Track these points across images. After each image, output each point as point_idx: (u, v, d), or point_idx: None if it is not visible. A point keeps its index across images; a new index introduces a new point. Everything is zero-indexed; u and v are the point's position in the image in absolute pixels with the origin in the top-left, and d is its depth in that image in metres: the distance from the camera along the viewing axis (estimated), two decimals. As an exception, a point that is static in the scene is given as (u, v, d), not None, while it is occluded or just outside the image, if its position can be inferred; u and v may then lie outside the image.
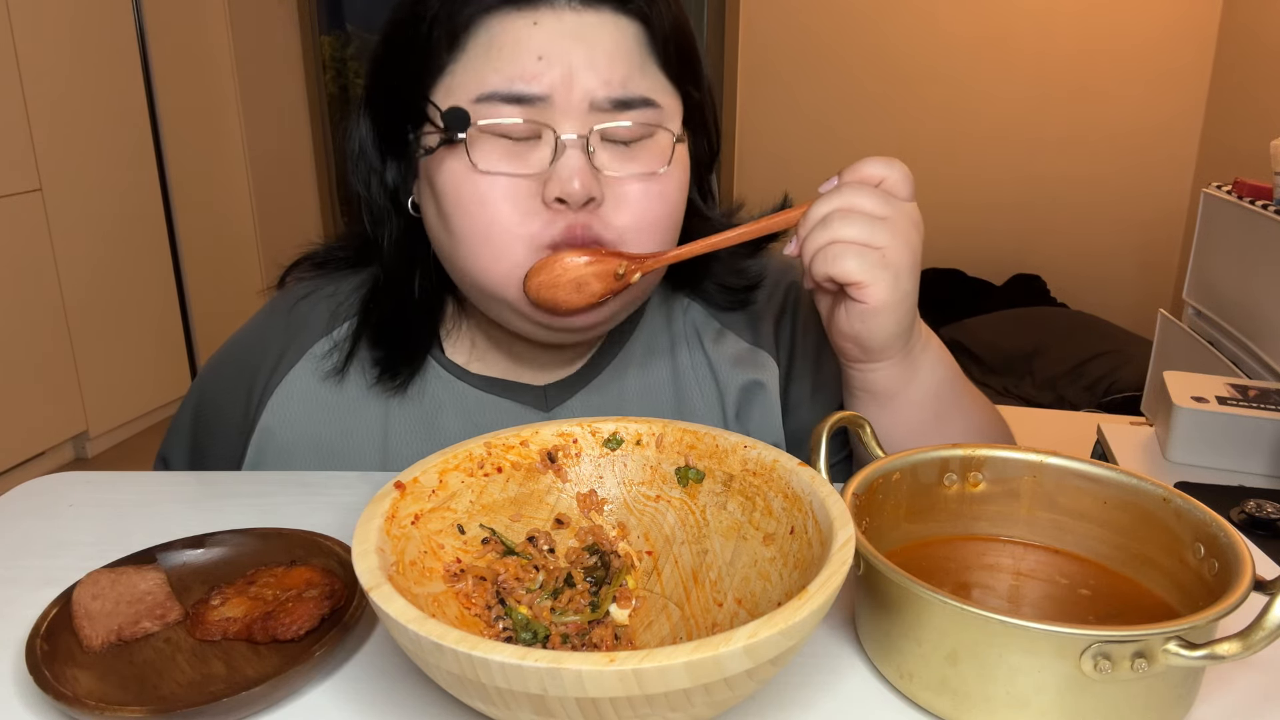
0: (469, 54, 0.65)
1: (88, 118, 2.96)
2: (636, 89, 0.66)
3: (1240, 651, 0.44)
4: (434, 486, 0.56)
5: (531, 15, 0.64)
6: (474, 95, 0.65)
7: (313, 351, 0.79)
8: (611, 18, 0.65)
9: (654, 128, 0.68)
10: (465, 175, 0.66)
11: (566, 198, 0.65)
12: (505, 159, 0.65)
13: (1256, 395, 1.37)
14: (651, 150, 0.68)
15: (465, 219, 0.67)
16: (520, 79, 0.64)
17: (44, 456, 2.91)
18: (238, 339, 0.85)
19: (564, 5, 0.64)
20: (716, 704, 0.43)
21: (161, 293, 3.31)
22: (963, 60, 3.30)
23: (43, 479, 0.78)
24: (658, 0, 0.67)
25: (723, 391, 0.82)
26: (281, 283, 0.83)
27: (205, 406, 0.84)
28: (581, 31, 0.64)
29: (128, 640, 0.55)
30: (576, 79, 0.64)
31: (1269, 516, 1.13)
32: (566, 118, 0.65)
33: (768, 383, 0.83)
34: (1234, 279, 1.79)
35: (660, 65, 0.68)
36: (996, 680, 0.47)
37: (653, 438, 0.62)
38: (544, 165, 0.65)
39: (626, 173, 0.67)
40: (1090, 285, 3.35)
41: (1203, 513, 0.54)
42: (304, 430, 0.79)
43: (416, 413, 0.79)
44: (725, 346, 0.83)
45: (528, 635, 0.53)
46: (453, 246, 0.69)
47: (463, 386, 0.79)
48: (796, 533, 0.54)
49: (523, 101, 0.64)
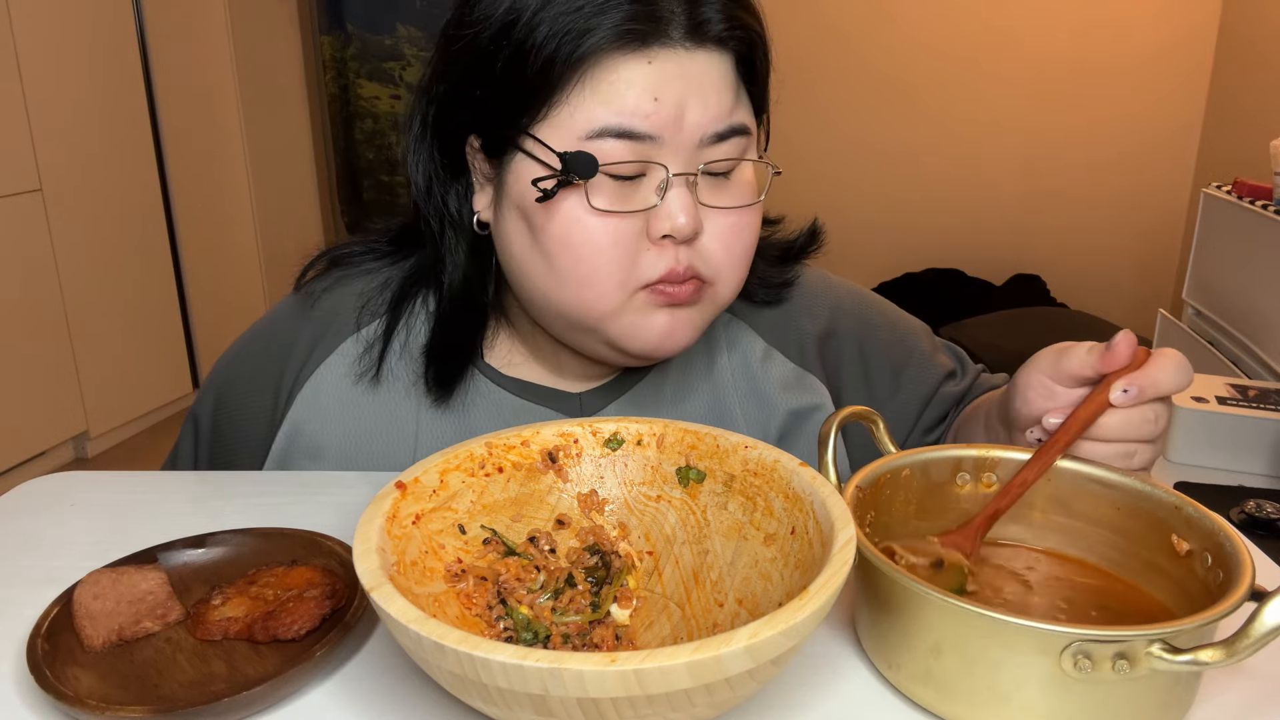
0: (581, 91, 0.64)
1: (88, 118, 2.96)
2: (736, 117, 0.67)
3: (1224, 659, 0.44)
4: (435, 486, 0.56)
5: (646, 55, 0.63)
6: (584, 132, 0.64)
7: (342, 350, 0.79)
8: (717, 54, 0.66)
9: (741, 160, 0.69)
10: (579, 217, 0.65)
11: (675, 233, 0.66)
12: (616, 199, 0.65)
13: (1256, 395, 1.37)
14: (739, 181, 0.69)
15: (572, 260, 0.66)
16: (634, 116, 0.63)
17: (44, 456, 2.91)
18: (260, 331, 0.83)
19: (678, 44, 0.64)
20: (717, 704, 0.43)
21: (161, 293, 3.31)
22: (963, 60, 3.30)
23: (43, 479, 0.78)
24: (750, 28, 0.67)
25: (770, 414, 0.82)
26: (303, 277, 0.82)
27: (228, 400, 0.82)
28: (692, 71, 0.64)
29: (129, 640, 0.55)
30: (687, 118, 0.64)
31: (1269, 516, 1.14)
32: (676, 155, 0.65)
33: (822, 406, 0.83)
34: (1234, 279, 1.80)
35: (750, 95, 0.69)
36: (978, 674, 0.47)
37: (654, 438, 0.62)
38: (649, 203, 0.66)
39: (723, 204, 0.68)
40: (1090, 285, 3.35)
41: (1212, 521, 0.53)
42: (335, 428, 0.78)
43: (450, 417, 0.78)
44: (773, 368, 0.83)
45: (529, 635, 0.53)
46: (552, 283, 0.68)
47: (499, 392, 0.79)
48: (797, 533, 0.54)
49: (636, 138, 0.64)
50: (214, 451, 0.83)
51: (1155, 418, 0.62)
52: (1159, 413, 0.62)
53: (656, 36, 0.63)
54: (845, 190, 3.39)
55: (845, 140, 3.43)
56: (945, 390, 0.87)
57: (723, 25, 0.65)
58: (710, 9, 0.65)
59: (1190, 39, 3.13)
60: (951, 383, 0.88)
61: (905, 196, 3.40)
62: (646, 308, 0.68)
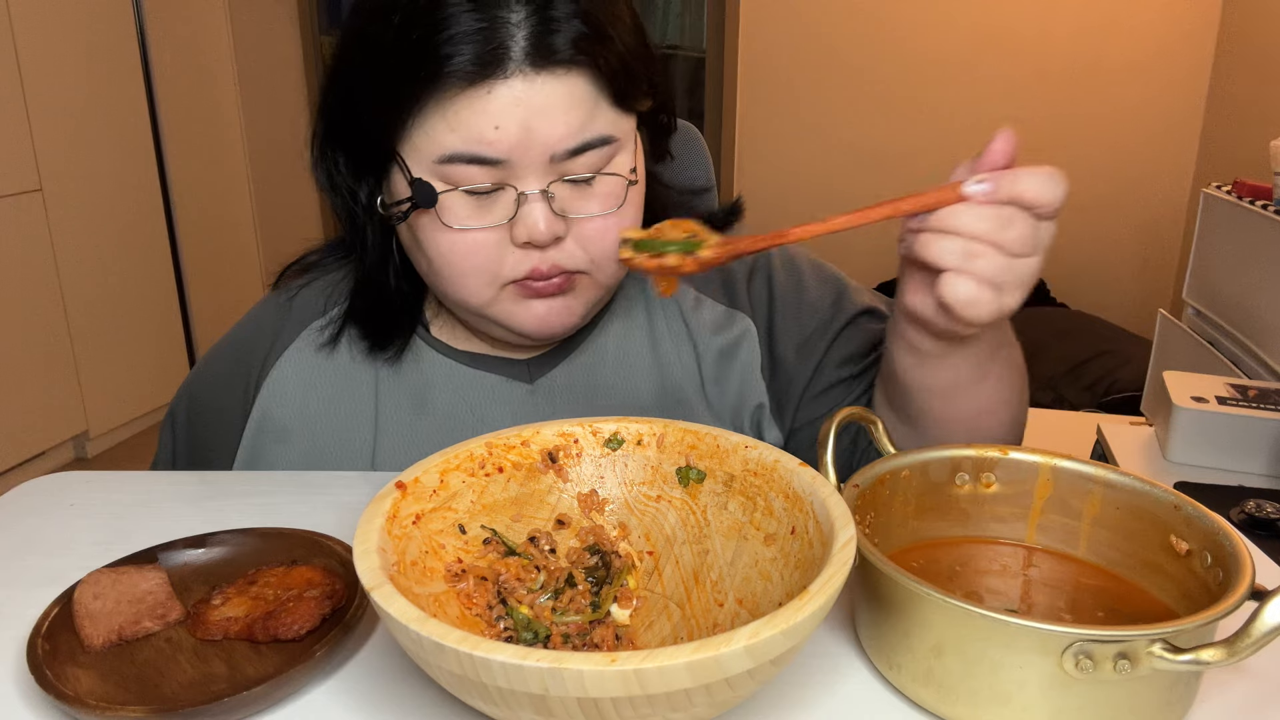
0: (429, 119, 0.67)
1: (88, 118, 2.96)
2: (592, 131, 0.68)
3: (1225, 658, 0.44)
4: (435, 486, 0.56)
5: (485, 86, 0.65)
6: (436, 156, 0.67)
7: (306, 334, 0.83)
8: (564, 74, 0.66)
9: (608, 174, 0.70)
10: (438, 232, 0.70)
11: (533, 240, 0.69)
12: (474, 214, 0.69)
13: (1256, 395, 1.37)
14: (609, 183, 0.71)
15: (443, 263, 0.71)
16: (479, 144, 0.66)
17: (44, 456, 2.91)
18: (232, 335, 0.88)
19: (515, 73, 0.65)
20: (717, 704, 0.43)
21: (161, 293, 3.31)
22: (962, 58, 3.30)
23: (43, 479, 0.78)
24: (605, 47, 0.67)
25: (700, 356, 0.84)
26: (278, 281, 0.87)
27: (201, 397, 0.86)
28: (533, 96, 0.65)
29: (129, 640, 0.55)
30: (533, 139, 0.66)
31: (1269, 516, 1.14)
32: (528, 173, 0.68)
33: (744, 342, 0.84)
34: (1234, 279, 1.79)
35: (613, 102, 0.69)
36: (979, 675, 0.47)
37: (654, 438, 0.62)
38: (509, 215, 0.69)
39: (586, 212, 0.71)
40: (1090, 285, 3.35)
41: (1212, 521, 0.53)
42: (298, 407, 0.81)
43: (406, 388, 0.82)
44: (703, 313, 0.85)
45: (529, 635, 0.53)
46: (434, 278, 0.74)
47: (449, 362, 0.82)
48: (797, 533, 0.54)
49: (484, 163, 0.67)
50: (191, 450, 0.86)
51: (1015, 224, 0.56)
52: (1023, 223, 0.56)
53: (495, 68, 0.64)
54: (844, 191, 3.39)
55: (843, 140, 3.43)
56: (870, 326, 0.85)
57: (569, 50, 0.65)
58: (556, 37, 0.65)
59: (1190, 39, 3.13)
60: (874, 321, 0.85)
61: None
62: (517, 298, 0.73)
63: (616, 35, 0.68)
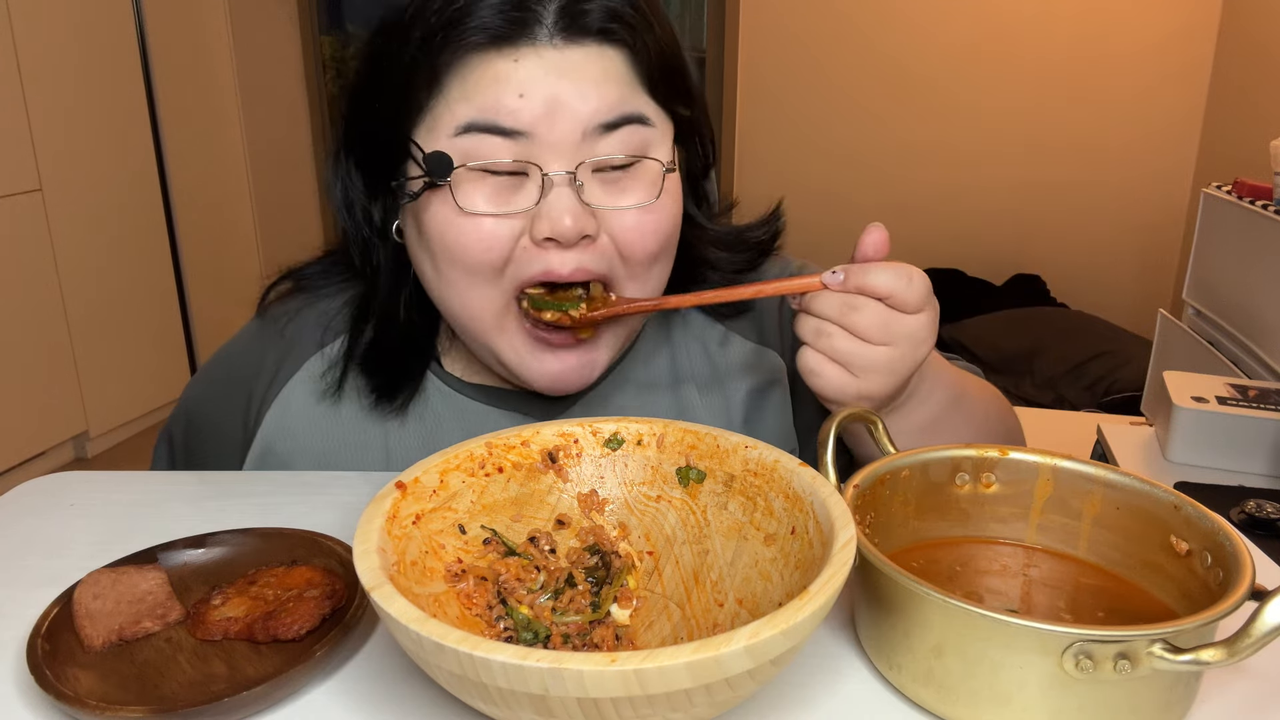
0: (448, 93, 0.64)
1: (88, 118, 2.96)
2: (627, 108, 0.65)
3: (1226, 658, 0.44)
4: (435, 486, 0.56)
5: (512, 54, 0.63)
6: (453, 129, 0.64)
7: (308, 366, 0.78)
8: (596, 49, 0.64)
9: (642, 157, 0.67)
10: (451, 218, 0.65)
11: (558, 236, 0.64)
12: (491, 199, 0.65)
13: (1256, 395, 1.37)
14: (642, 179, 0.67)
15: (448, 258, 0.66)
16: (499, 112, 0.63)
17: (44, 456, 2.91)
18: (226, 352, 0.84)
19: (545, 42, 0.63)
20: (717, 704, 0.43)
21: (161, 293, 3.31)
22: (962, 59, 3.30)
23: (43, 479, 0.78)
24: (641, 29, 0.65)
25: (729, 399, 0.81)
26: (264, 299, 0.82)
27: (198, 420, 0.83)
28: (564, 66, 0.63)
29: (129, 640, 0.55)
30: (562, 112, 0.63)
31: (1269, 516, 1.14)
32: (554, 153, 0.64)
33: (777, 381, 0.82)
34: (1234, 279, 1.79)
35: (648, 90, 0.67)
36: (979, 675, 0.47)
37: (654, 438, 0.62)
38: (531, 203, 0.64)
39: (619, 205, 0.66)
40: (1090, 285, 3.35)
41: (1212, 521, 0.53)
42: (304, 446, 0.78)
43: (417, 428, 0.78)
44: (731, 351, 0.82)
45: (529, 635, 0.53)
46: (440, 285, 0.69)
47: (461, 399, 0.78)
48: (798, 533, 0.54)
49: (505, 134, 0.63)
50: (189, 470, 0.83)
51: (863, 311, 0.61)
52: (872, 311, 0.62)
53: (522, 36, 0.62)
54: (843, 191, 3.39)
55: (844, 141, 3.43)
56: None
57: (603, 19, 0.63)
58: (591, 8, 0.63)
59: (1190, 40, 3.13)
60: None
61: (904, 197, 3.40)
62: (530, 345, 0.69)
63: (655, 21, 0.66)
